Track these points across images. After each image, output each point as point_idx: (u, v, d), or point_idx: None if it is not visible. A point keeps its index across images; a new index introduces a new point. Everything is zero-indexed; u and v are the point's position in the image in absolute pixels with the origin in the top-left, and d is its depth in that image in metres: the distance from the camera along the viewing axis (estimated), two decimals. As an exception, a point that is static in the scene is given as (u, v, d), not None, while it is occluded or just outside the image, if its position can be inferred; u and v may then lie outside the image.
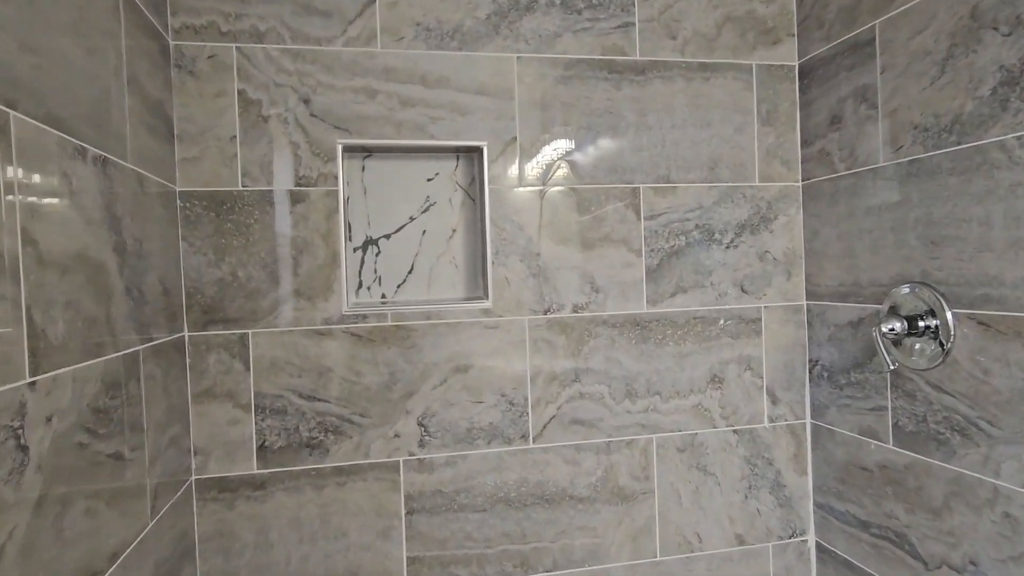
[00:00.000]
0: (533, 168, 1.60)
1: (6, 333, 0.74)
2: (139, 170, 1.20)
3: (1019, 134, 1.14)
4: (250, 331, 1.47)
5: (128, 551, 1.07)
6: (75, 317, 0.91)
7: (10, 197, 0.76)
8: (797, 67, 1.73)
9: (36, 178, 0.82)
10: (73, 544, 0.88)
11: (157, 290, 1.27)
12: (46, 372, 0.83)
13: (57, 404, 0.86)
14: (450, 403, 1.57)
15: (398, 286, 1.62)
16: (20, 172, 0.78)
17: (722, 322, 1.71)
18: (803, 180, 1.73)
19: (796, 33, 1.73)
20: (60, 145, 0.89)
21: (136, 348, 1.14)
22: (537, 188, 1.60)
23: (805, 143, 1.72)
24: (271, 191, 1.47)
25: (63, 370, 0.87)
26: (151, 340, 1.22)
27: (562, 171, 1.61)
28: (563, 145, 1.61)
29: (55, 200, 0.87)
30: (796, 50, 1.73)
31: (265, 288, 1.47)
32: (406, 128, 1.53)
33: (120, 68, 1.12)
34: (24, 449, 0.77)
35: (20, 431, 0.76)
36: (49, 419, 0.83)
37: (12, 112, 0.77)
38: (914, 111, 1.36)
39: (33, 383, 0.79)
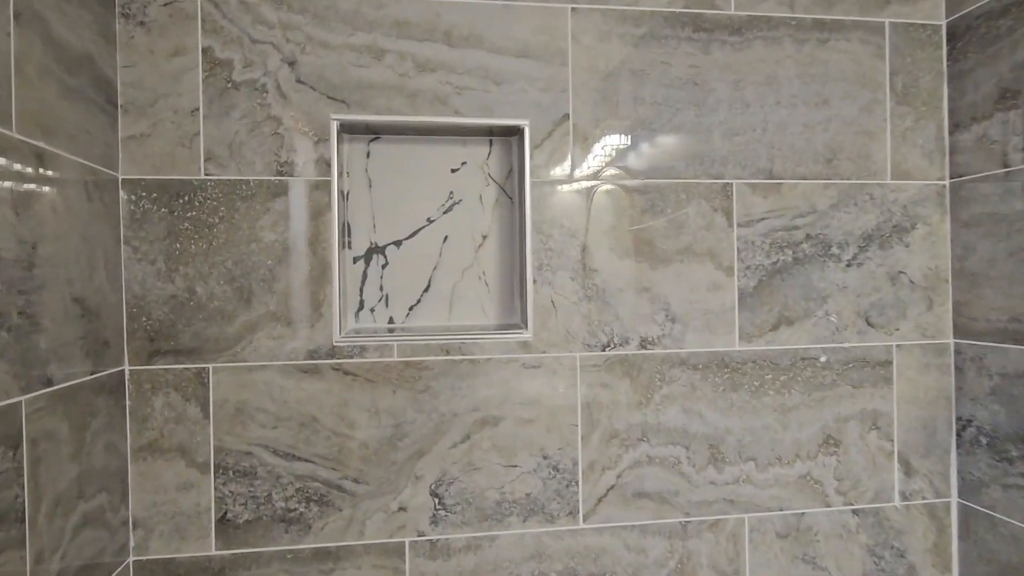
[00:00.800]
0: (590, 156, 1.20)
1: None
2: (40, 145, 0.84)
3: None
4: (211, 365, 1.11)
5: None
6: None
7: None
8: (945, 27, 1.30)
9: None
10: None
11: (70, 313, 0.91)
12: None
13: None
14: (474, 467, 1.17)
15: (410, 308, 1.23)
16: None
17: (840, 365, 1.27)
18: (952, 178, 1.29)
19: (944, -18, 1.30)
20: None
21: (14, 400, 0.78)
22: (595, 183, 1.20)
23: (956, 128, 1.28)
24: (243, 181, 1.11)
25: None
26: (49, 384, 0.86)
27: (629, 160, 1.21)
28: (631, 126, 1.21)
29: None
30: (943, 5, 1.30)
31: (232, 309, 1.11)
32: (423, 101, 1.15)
33: (-1, -9, 0.77)
34: None
35: None
36: None
37: None
38: None
39: None
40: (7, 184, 0.78)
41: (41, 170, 0.85)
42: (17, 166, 0.79)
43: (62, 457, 0.89)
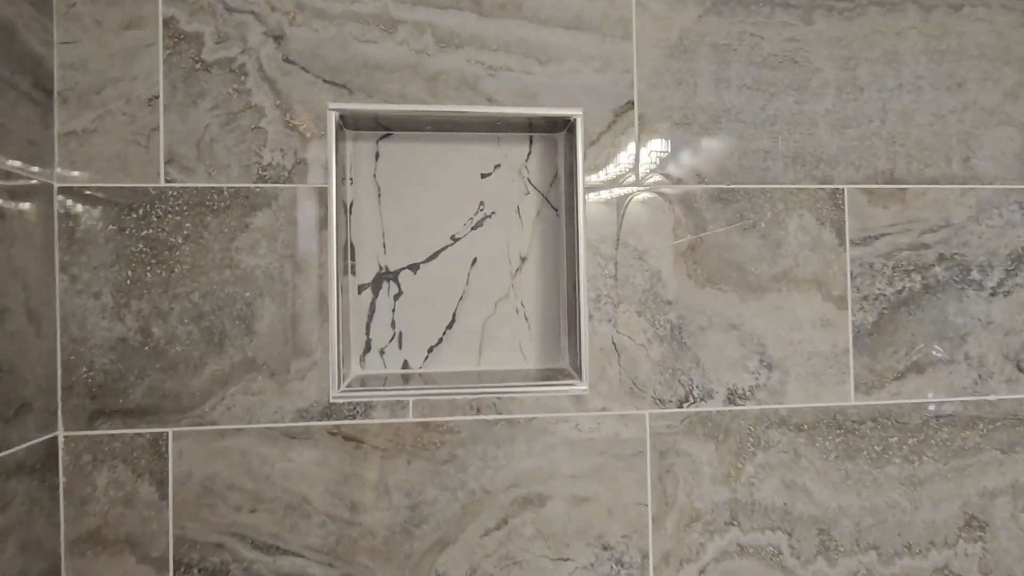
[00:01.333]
0: (661, 155, 0.93)
1: None
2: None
3: None
4: (170, 430, 0.85)
5: None
6: None
7: None
8: (1109, -11, 1.02)
9: None
10: None
11: (-44, 369, 0.65)
12: None
13: None
14: (512, 560, 0.90)
15: (429, 350, 0.97)
16: None
17: (991, 424, 0.98)
18: (1125, 179, 1.00)
19: (1107, -68, 1.02)
20: None
21: None
22: (667, 190, 0.93)
23: None
24: (214, 189, 0.85)
25: None
26: (-83, 475, 0.60)
27: (710, 161, 0.94)
28: (712, 117, 0.94)
29: None
30: (1106, -39, 1.02)
31: (199, 356, 0.85)
32: (447, 86, 0.90)
33: None
34: None
35: None
36: None
37: None
38: None
39: None
40: None
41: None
42: None
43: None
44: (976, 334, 0.98)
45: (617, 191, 0.93)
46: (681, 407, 0.93)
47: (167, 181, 0.85)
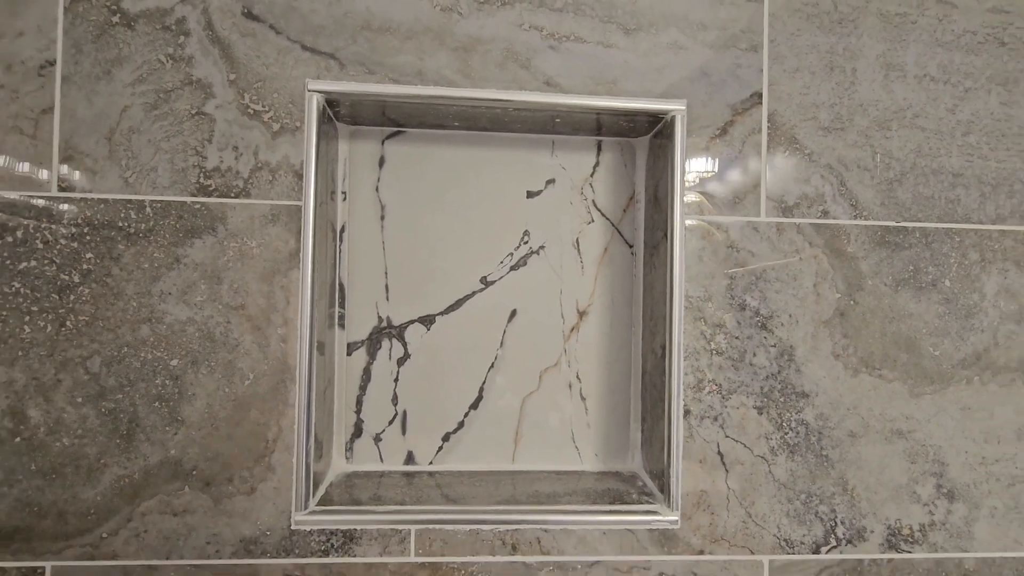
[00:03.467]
0: (799, 175, 0.62)
1: None
2: None
3: None
4: (49, 564, 0.56)
5: None
6: None
7: None
8: None
9: None
10: None
11: None
12: None
13: None
14: None
15: (445, 438, 0.67)
16: None
17: None
18: None
19: None
20: None
21: None
22: (808, 222, 0.62)
23: None
24: (133, 203, 0.57)
25: None
26: None
27: (872, 186, 0.63)
28: (878, 118, 0.63)
29: None
30: None
31: (96, 453, 0.56)
32: (485, 61, 0.60)
33: None
34: None
35: None
36: None
37: None
38: None
39: None
40: None
41: None
42: None
43: None
44: None
45: (733, 223, 0.62)
46: (818, 552, 0.62)
47: (62, 189, 0.56)
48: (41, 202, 0.56)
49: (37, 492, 0.56)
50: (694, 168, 0.62)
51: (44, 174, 0.56)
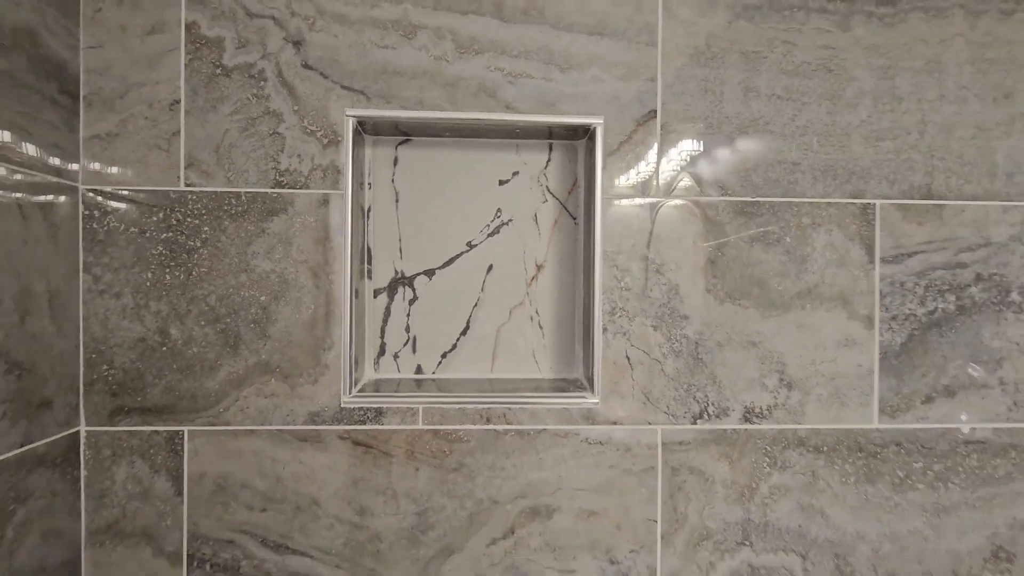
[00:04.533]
0: (684, 167, 0.90)
1: None
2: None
3: None
4: (186, 428, 0.86)
5: None
6: None
7: None
8: None
9: None
10: None
11: (-20, 370, 0.68)
12: None
13: None
14: (518, 570, 0.90)
15: (443, 356, 0.97)
16: None
17: (1018, 453, 0.94)
18: None
19: None
20: None
21: None
22: (688, 200, 0.90)
23: None
24: (233, 194, 0.86)
25: None
26: (-61, 473, 0.63)
27: (735, 173, 0.91)
28: (740, 127, 0.91)
29: None
30: None
31: (215, 357, 0.86)
32: (466, 92, 0.88)
33: None
34: None
35: None
36: None
37: None
38: None
39: None
40: None
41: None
42: None
43: (-37, 568, 0.66)
44: (1013, 359, 0.93)
45: (637, 202, 0.90)
46: (695, 424, 0.91)
47: (187, 185, 0.86)
48: (174, 194, 0.86)
49: (177, 383, 0.86)
50: (610, 163, 0.90)
51: (175, 176, 0.86)
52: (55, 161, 0.80)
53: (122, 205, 0.85)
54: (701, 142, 0.91)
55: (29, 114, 0.75)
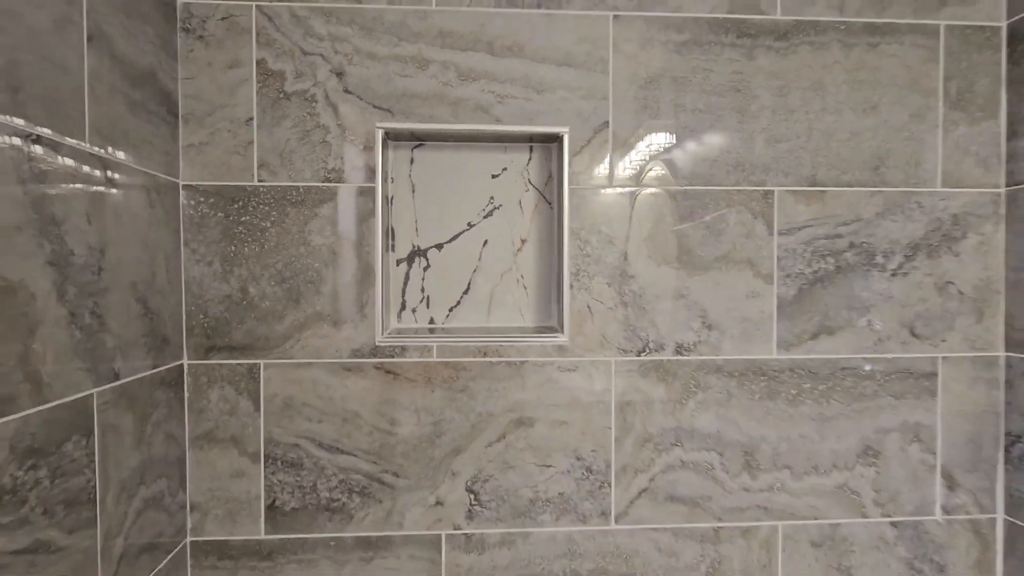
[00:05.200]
0: (630, 163, 1.21)
1: None
2: (108, 155, 0.91)
3: None
4: (261, 362, 1.17)
5: None
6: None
7: None
8: (1005, 29, 1.25)
9: None
10: None
11: (132, 312, 0.98)
12: None
13: None
14: (509, 465, 1.21)
15: (450, 310, 1.27)
16: None
17: (887, 376, 1.25)
18: (1009, 185, 1.25)
19: (1005, -19, 1.25)
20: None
21: (85, 393, 0.85)
22: (634, 189, 1.21)
23: (1014, 134, 1.24)
24: (293, 187, 1.16)
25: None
26: (116, 378, 0.93)
27: (669, 168, 1.21)
28: (671, 134, 1.21)
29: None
30: (1004, 5, 1.25)
31: (281, 308, 1.17)
32: (465, 109, 1.18)
33: (71, 16, 0.83)
34: None
35: None
36: None
37: None
38: None
39: None
40: (80, 193, 0.84)
41: (109, 179, 0.91)
42: (89, 176, 0.86)
43: (126, 446, 0.96)
44: (878, 306, 1.25)
45: (595, 190, 1.21)
46: (639, 356, 1.22)
47: (259, 181, 1.16)
48: (249, 188, 1.16)
49: (254, 328, 1.17)
50: (574, 162, 1.21)
51: (250, 174, 1.16)
52: (163, 164, 1.10)
53: (211, 197, 1.15)
54: (643, 145, 1.21)
55: (151, 130, 1.05)
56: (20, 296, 0.73)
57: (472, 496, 1.21)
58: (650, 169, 1.21)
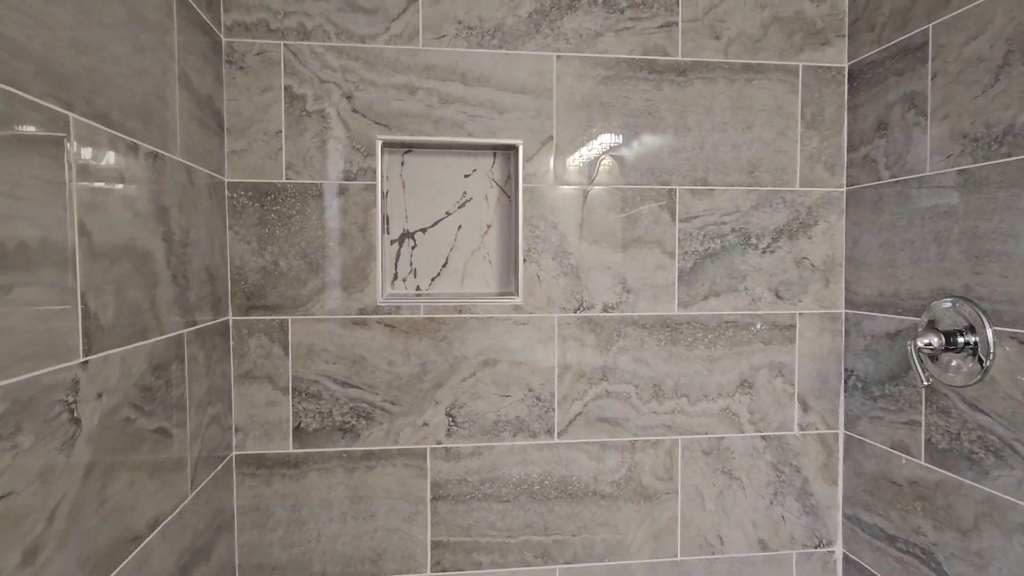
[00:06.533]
0: (569, 168, 1.61)
1: (62, 318, 0.81)
2: (188, 163, 1.26)
3: (1072, 149, 1.09)
4: (290, 318, 1.54)
5: (167, 520, 1.14)
6: (123, 303, 0.98)
7: (68, 193, 0.83)
8: (847, 69, 1.69)
9: (91, 175, 0.89)
10: (116, 511, 0.95)
11: (203, 277, 1.34)
12: (97, 353, 0.90)
13: (106, 383, 0.92)
14: (478, 396, 1.61)
15: (432, 279, 1.65)
16: (76, 169, 0.85)
17: (756, 327, 1.69)
18: (847, 186, 1.69)
19: (847, 34, 1.68)
20: (112, 142, 0.95)
21: (181, 331, 1.21)
22: (572, 187, 1.61)
23: (851, 148, 1.68)
24: (313, 184, 1.53)
25: (113, 351, 0.94)
26: (195, 324, 1.29)
27: (598, 171, 1.62)
28: (600, 146, 1.61)
29: (108, 195, 0.94)
30: (846, 52, 1.69)
31: (304, 277, 1.54)
32: (444, 125, 1.56)
33: (171, 65, 1.18)
34: (76, 422, 0.84)
35: (73, 406, 0.83)
36: (99, 395, 0.90)
37: (70, 114, 0.83)
38: (964, 120, 1.31)
39: (85, 363, 0.86)
40: (175, 190, 1.20)
41: (191, 180, 1.27)
42: (179, 178, 1.22)
43: (200, 375, 1.33)
44: (752, 276, 1.68)
45: (542, 188, 1.61)
46: (575, 313, 1.63)
47: (287, 179, 1.52)
48: (279, 184, 1.52)
49: (283, 292, 1.53)
50: (527, 166, 1.60)
51: (280, 173, 1.52)
52: (214, 166, 1.45)
53: (249, 191, 1.51)
54: (578, 154, 1.61)
55: (209, 141, 1.40)
56: (149, 260, 1.08)
57: (450, 419, 1.60)
58: (584, 172, 1.61)
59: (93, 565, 0.88)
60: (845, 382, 1.72)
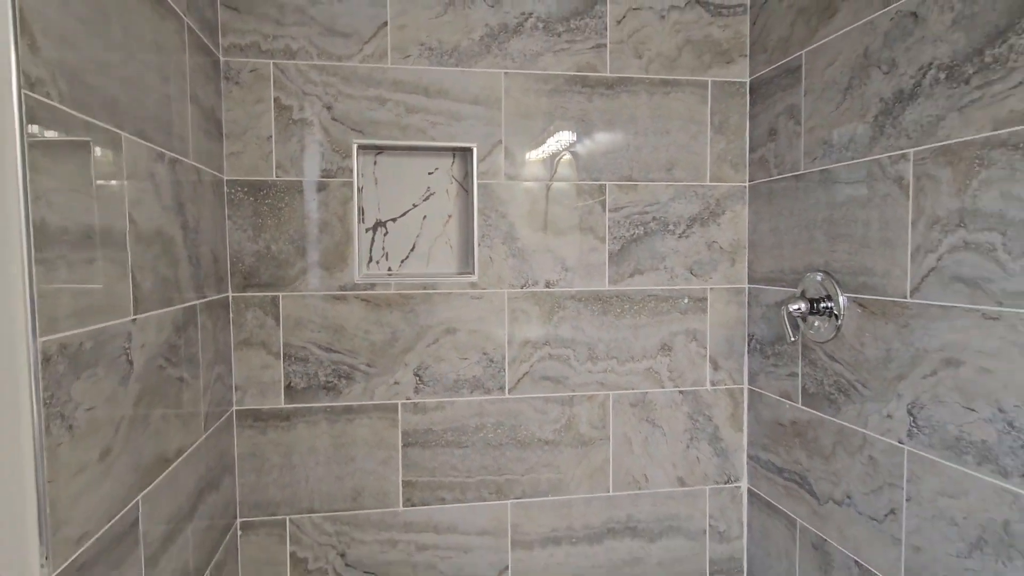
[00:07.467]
0: (517, 166, 1.92)
1: (123, 284, 1.10)
2: (197, 165, 1.54)
3: (890, 154, 1.43)
4: (280, 294, 1.82)
5: (189, 451, 1.43)
6: (157, 276, 1.27)
7: (121, 192, 1.11)
8: (748, 84, 2.02)
9: (135, 177, 1.17)
10: (156, 434, 1.25)
11: (210, 259, 1.62)
12: (141, 313, 1.18)
13: (147, 337, 1.21)
14: (441, 359, 1.91)
15: (402, 261, 1.95)
16: (127, 174, 1.13)
17: (676, 300, 2.02)
18: (749, 181, 2.03)
19: (748, 54, 2.01)
20: (148, 152, 1.23)
21: (194, 302, 1.50)
22: (519, 183, 1.92)
23: (751, 150, 2.01)
24: (299, 181, 1.81)
25: (151, 313, 1.23)
26: (205, 297, 1.58)
27: (541, 169, 1.93)
28: (543, 148, 1.92)
29: (144, 192, 1.22)
30: (748, 69, 2.02)
31: (292, 260, 1.82)
32: (411, 131, 1.86)
33: (184, 86, 1.46)
34: (131, 363, 1.13)
35: (128, 351, 1.12)
36: (143, 346, 1.19)
37: (122, 133, 1.11)
38: (824, 129, 1.65)
39: (135, 320, 1.15)
40: (189, 186, 1.48)
41: (200, 179, 1.55)
42: (191, 178, 1.50)
43: (208, 340, 1.61)
44: (670, 257, 2.01)
45: (493, 182, 1.91)
46: (522, 288, 1.94)
47: (276, 177, 1.80)
48: (270, 182, 1.80)
49: (274, 271, 1.82)
50: (480, 165, 1.90)
51: (271, 172, 1.80)
52: (215, 166, 1.73)
53: (245, 187, 1.79)
54: (524, 155, 1.92)
55: (211, 145, 1.68)
56: (172, 244, 1.37)
57: (418, 378, 1.91)
58: (530, 170, 1.92)
59: (142, 472, 1.17)
60: (748, 345, 2.06)
